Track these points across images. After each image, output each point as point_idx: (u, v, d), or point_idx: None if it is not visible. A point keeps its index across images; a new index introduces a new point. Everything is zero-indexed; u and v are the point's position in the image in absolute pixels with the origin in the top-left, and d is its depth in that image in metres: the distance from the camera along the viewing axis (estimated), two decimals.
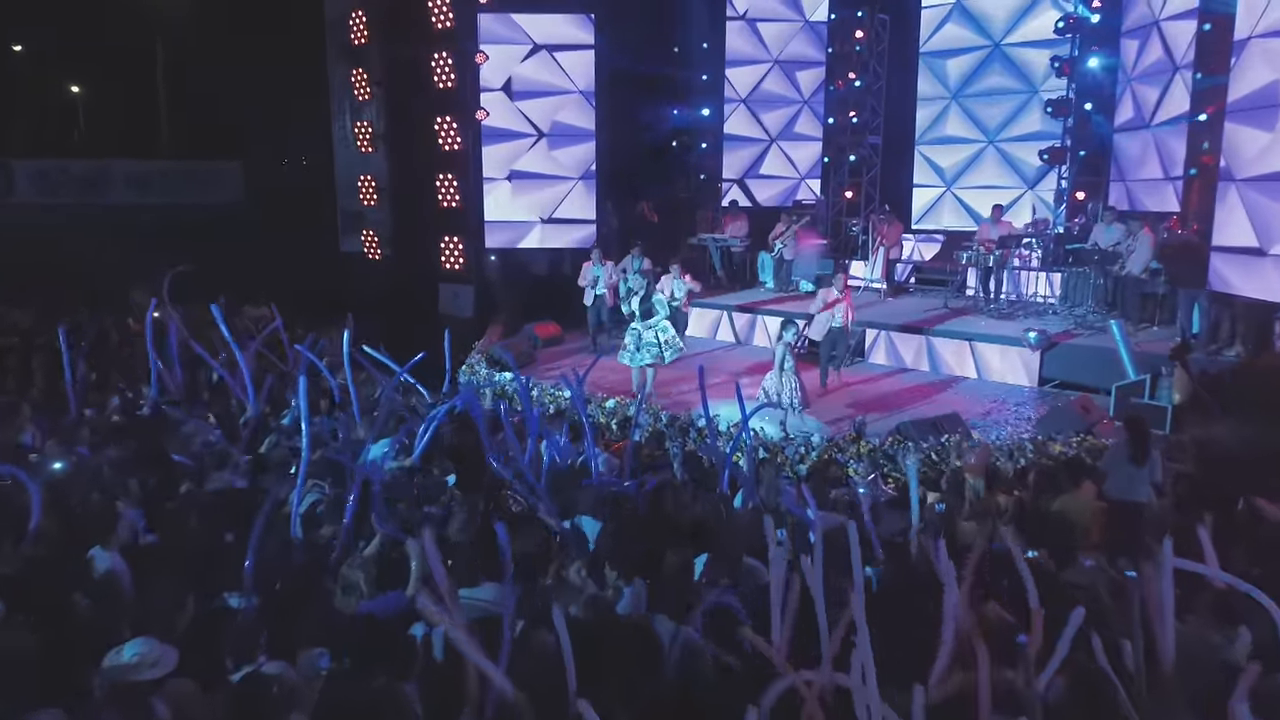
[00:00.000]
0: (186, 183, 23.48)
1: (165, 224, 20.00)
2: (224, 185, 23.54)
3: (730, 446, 7.04)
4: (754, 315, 14.10)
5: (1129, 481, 5.88)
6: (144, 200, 22.31)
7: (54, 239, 17.69)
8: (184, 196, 22.82)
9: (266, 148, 24.16)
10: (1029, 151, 15.86)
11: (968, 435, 8.46)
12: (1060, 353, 11.25)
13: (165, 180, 23.24)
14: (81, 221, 19.93)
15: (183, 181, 23.48)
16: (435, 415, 7.58)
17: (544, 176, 15.20)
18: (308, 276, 16.96)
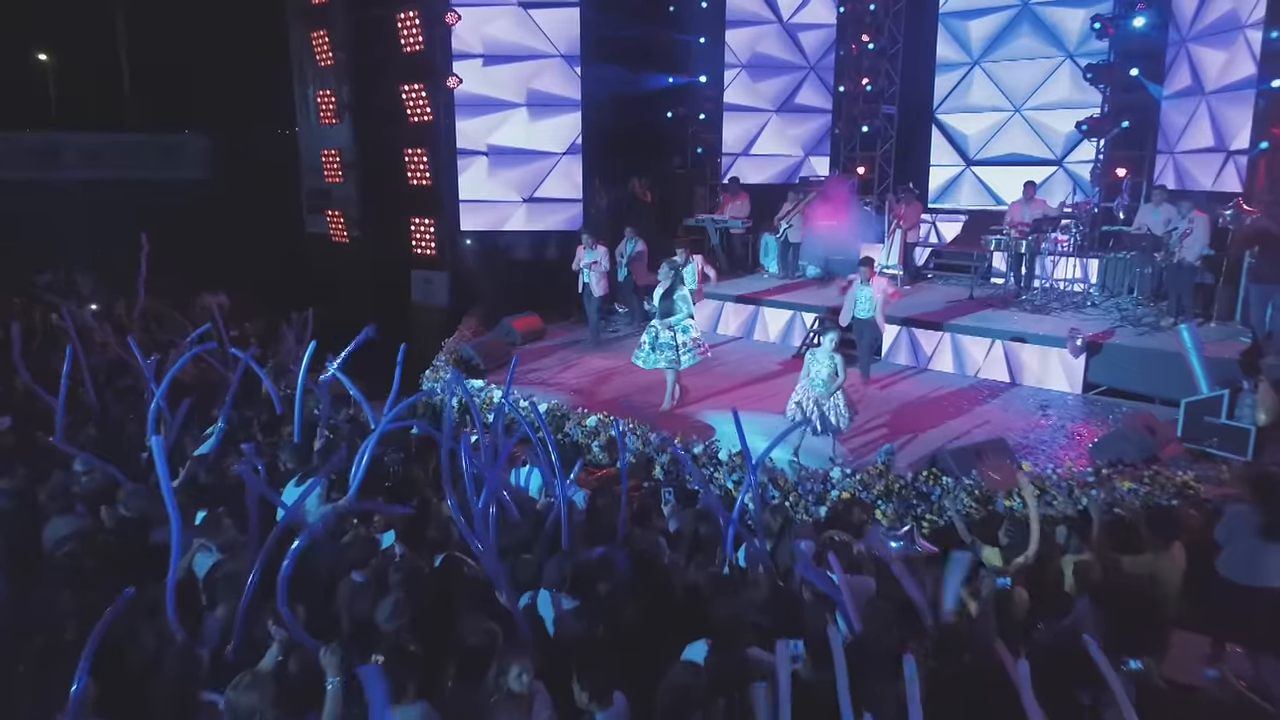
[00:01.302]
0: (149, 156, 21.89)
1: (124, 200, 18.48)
2: (189, 159, 21.94)
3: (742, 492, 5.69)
4: (757, 307, 12.67)
5: (1257, 561, 4.53)
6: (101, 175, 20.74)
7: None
8: (146, 171, 21.26)
9: (234, 119, 22.54)
10: (1060, 122, 14.43)
11: (1016, 466, 7.09)
12: (1107, 354, 9.85)
13: (125, 153, 21.64)
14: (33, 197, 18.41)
15: (145, 155, 21.90)
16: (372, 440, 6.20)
17: (524, 152, 13.70)
18: (271, 260, 15.54)
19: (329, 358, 7.87)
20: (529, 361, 11.51)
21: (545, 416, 8.54)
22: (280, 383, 9.62)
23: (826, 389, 7.35)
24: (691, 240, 14.86)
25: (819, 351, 7.45)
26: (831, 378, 7.38)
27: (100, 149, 21.27)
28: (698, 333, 9.20)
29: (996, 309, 11.64)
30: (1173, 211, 11.04)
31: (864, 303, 9.38)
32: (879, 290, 9.41)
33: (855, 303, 9.46)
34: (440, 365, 10.26)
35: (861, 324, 9.62)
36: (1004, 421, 8.94)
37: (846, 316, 9.57)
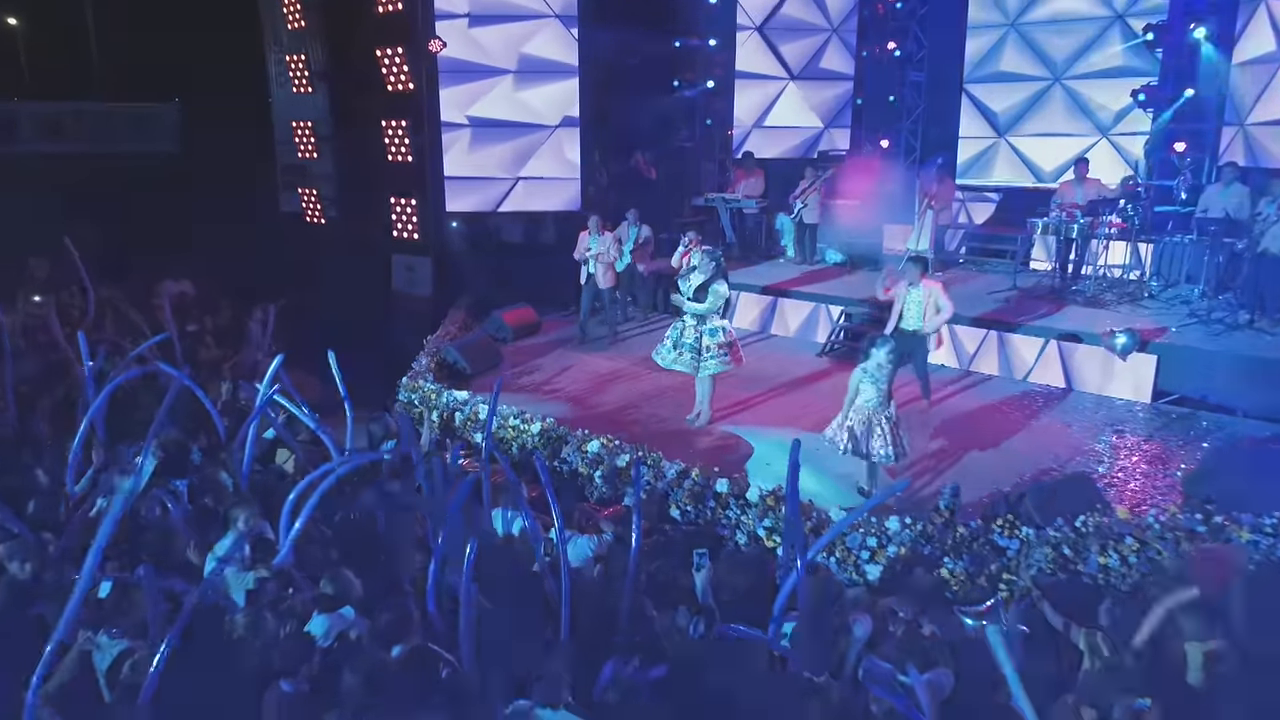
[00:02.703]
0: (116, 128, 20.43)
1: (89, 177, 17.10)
2: (160, 131, 20.48)
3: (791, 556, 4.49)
4: (776, 299, 11.41)
5: None
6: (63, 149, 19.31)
7: None
8: (113, 144, 19.80)
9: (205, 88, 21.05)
10: (1105, 92, 13.10)
11: (1105, 509, 5.89)
12: (1178, 358, 8.64)
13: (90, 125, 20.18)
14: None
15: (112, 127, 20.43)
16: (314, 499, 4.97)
17: (515, 124, 12.34)
18: (245, 241, 14.23)
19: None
20: (520, 362, 10.29)
21: (538, 439, 7.32)
22: (239, 394, 8.41)
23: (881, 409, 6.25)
24: (699, 222, 13.59)
25: (869, 369, 6.22)
26: (885, 401, 6.23)
27: (62, 120, 19.82)
28: (727, 337, 7.84)
29: (1044, 301, 10.40)
30: (1244, 193, 9.80)
31: (914, 310, 8.03)
32: (932, 296, 8.06)
33: (904, 311, 8.09)
34: (420, 370, 9.00)
35: (910, 337, 8.15)
36: (1071, 441, 7.74)
37: (893, 326, 8.23)
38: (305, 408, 6.65)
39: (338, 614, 4.44)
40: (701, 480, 6.29)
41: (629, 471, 6.61)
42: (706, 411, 8.02)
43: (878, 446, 6.26)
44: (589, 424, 7.86)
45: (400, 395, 8.70)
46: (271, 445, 7.09)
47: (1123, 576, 5.47)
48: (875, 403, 6.25)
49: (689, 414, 8.11)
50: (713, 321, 7.70)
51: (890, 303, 8.25)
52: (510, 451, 7.47)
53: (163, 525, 5.42)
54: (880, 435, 6.23)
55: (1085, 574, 5.46)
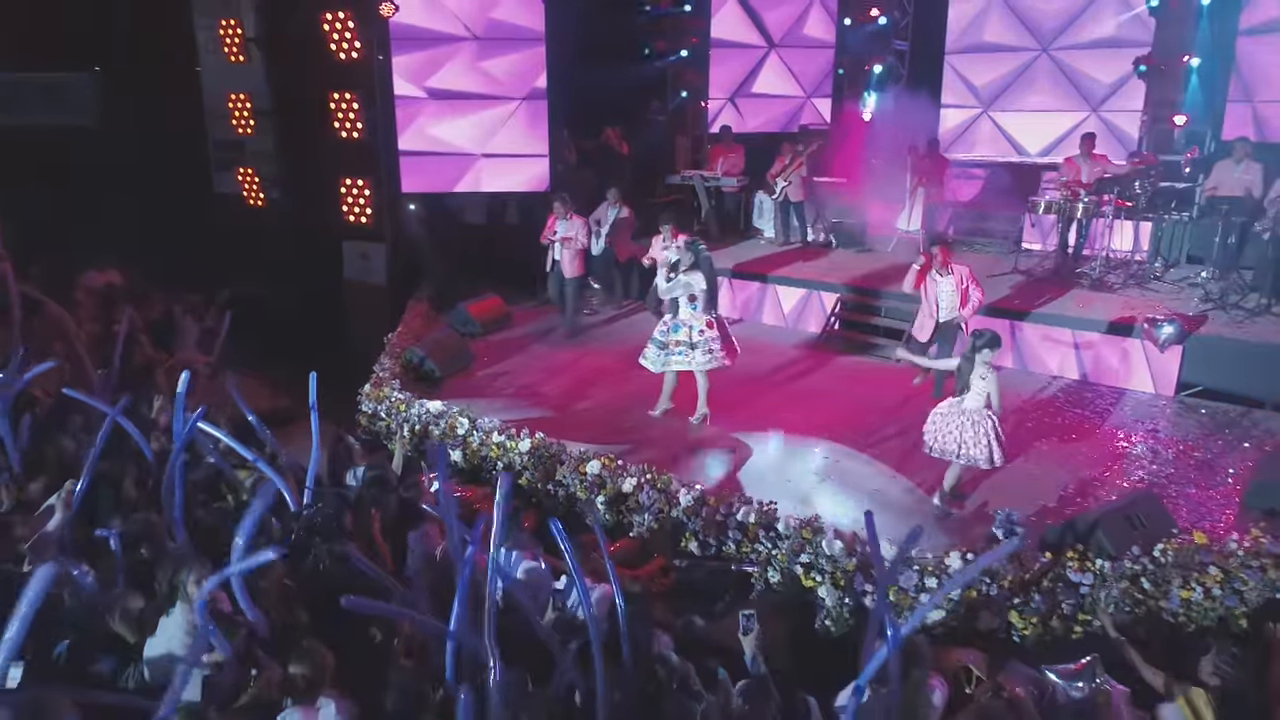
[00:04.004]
0: (26, 98, 18.64)
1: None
2: (73, 103, 18.75)
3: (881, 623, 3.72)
4: (763, 284, 10.66)
5: None
6: None
7: None
8: (21, 116, 18.05)
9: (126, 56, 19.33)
10: (1094, 63, 12.61)
11: (1171, 528, 5.28)
12: (1204, 348, 8.12)
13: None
14: None
15: (21, 97, 18.63)
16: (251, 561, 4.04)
17: (476, 96, 11.29)
18: (175, 226, 12.94)
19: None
20: (493, 361, 9.38)
21: (528, 458, 6.45)
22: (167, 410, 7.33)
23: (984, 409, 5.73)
24: (675, 201, 12.75)
25: (978, 368, 5.66)
26: (986, 401, 5.71)
27: None
28: (716, 332, 7.16)
29: (1049, 285, 9.83)
30: (1257, 170, 9.32)
31: (947, 299, 7.30)
32: (961, 281, 7.36)
33: (938, 302, 7.35)
34: (384, 375, 8.02)
35: (946, 328, 7.50)
36: (1104, 443, 7.16)
37: (929, 324, 7.49)
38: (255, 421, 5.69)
39: (317, 711, 3.58)
40: (724, 509, 5.50)
41: (636, 497, 5.81)
42: (665, 403, 7.51)
43: (971, 448, 5.65)
44: (577, 433, 7.04)
45: (363, 405, 7.72)
46: (215, 474, 6.09)
47: (1205, 612, 4.87)
48: (979, 402, 5.68)
49: (692, 416, 7.41)
50: (699, 317, 7.07)
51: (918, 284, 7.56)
52: (495, 472, 6.59)
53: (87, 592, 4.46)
54: (977, 436, 5.65)
55: (1167, 611, 4.84)
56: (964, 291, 7.42)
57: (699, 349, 7.09)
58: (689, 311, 7.09)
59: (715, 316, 7.21)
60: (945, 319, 7.34)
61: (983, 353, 5.62)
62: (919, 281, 7.53)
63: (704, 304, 7.09)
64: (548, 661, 4.19)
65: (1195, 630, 4.84)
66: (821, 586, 4.99)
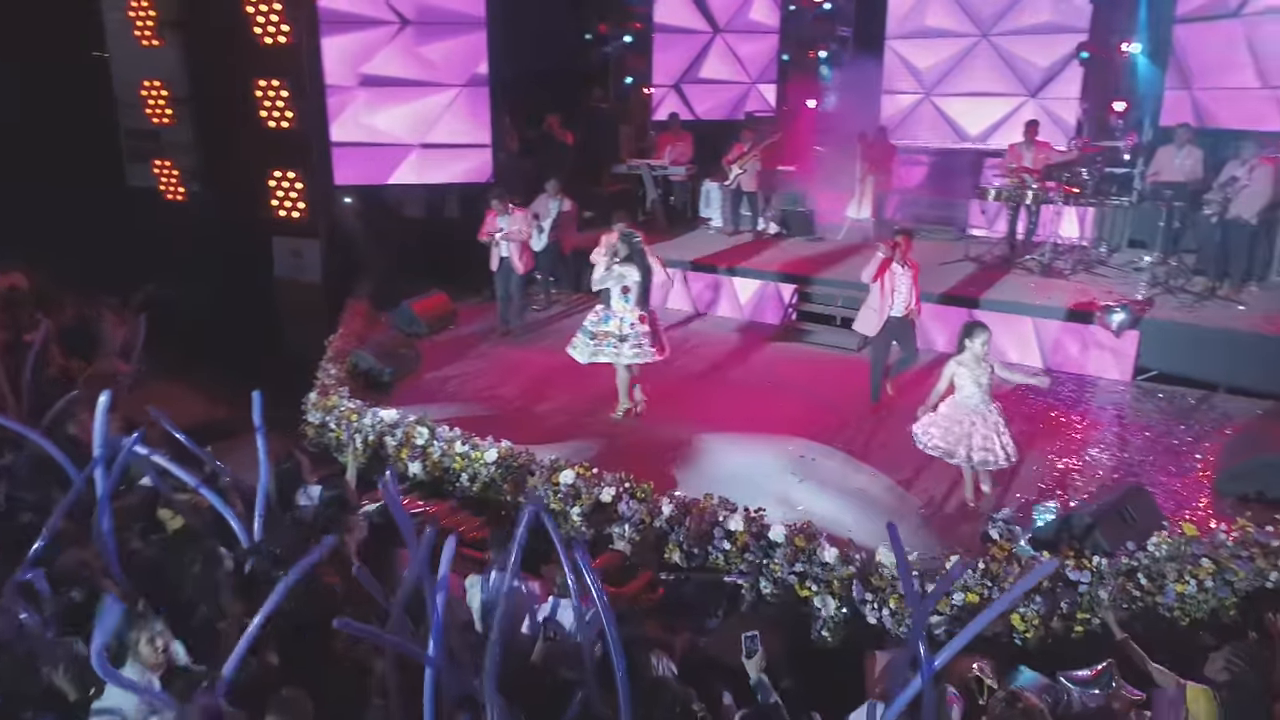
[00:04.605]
0: None
1: None
2: None
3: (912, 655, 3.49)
4: (719, 276, 10.43)
5: None
6: None
7: None
8: None
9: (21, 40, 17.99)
10: (1032, 48, 12.65)
11: (1161, 522, 5.24)
12: (1158, 332, 8.21)
13: None
14: None
15: None
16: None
17: (413, 83, 10.75)
18: (83, 224, 12.05)
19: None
20: (442, 362, 8.93)
21: (495, 469, 6.09)
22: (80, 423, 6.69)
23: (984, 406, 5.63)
24: (621, 191, 12.45)
25: (965, 360, 5.60)
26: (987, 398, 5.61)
27: None
28: (648, 325, 7.04)
29: (1001, 271, 9.86)
30: (1198, 156, 9.48)
31: (905, 291, 7.14)
32: (917, 276, 7.24)
33: (897, 293, 7.13)
34: (330, 382, 7.51)
35: (900, 323, 7.29)
36: (1072, 430, 7.17)
37: (881, 317, 7.24)
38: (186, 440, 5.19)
39: None
40: (710, 518, 5.24)
41: (615, 507, 5.51)
42: (624, 401, 7.33)
43: (977, 449, 5.53)
44: (541, 438, 6.72)
45: (309, 416, 7.21)
46: (149, 499, 5.54)
47: (1198, 605, 4.83)
48: (976, 400, 5.57)
49: (612, 413, 7.34)
50: (631, 310, 6.93)
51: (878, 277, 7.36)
52: (459, 485, 6.21)
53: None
54: (981, 437, 5.54)
55: (1163, 606, 4.78)
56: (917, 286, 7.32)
57: (628, 342, 6.97)
58: (621, 304, 6.97)
59: (648, 311, 7.10)
60: (899, 314, 7.17)
61: (975, 345, 5.53)
62: (880, 272, 7.33)
63: (637, 297, 6.98)
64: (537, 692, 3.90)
65: (1190, 624, 4.79)
66: (818, 596, 4.79)
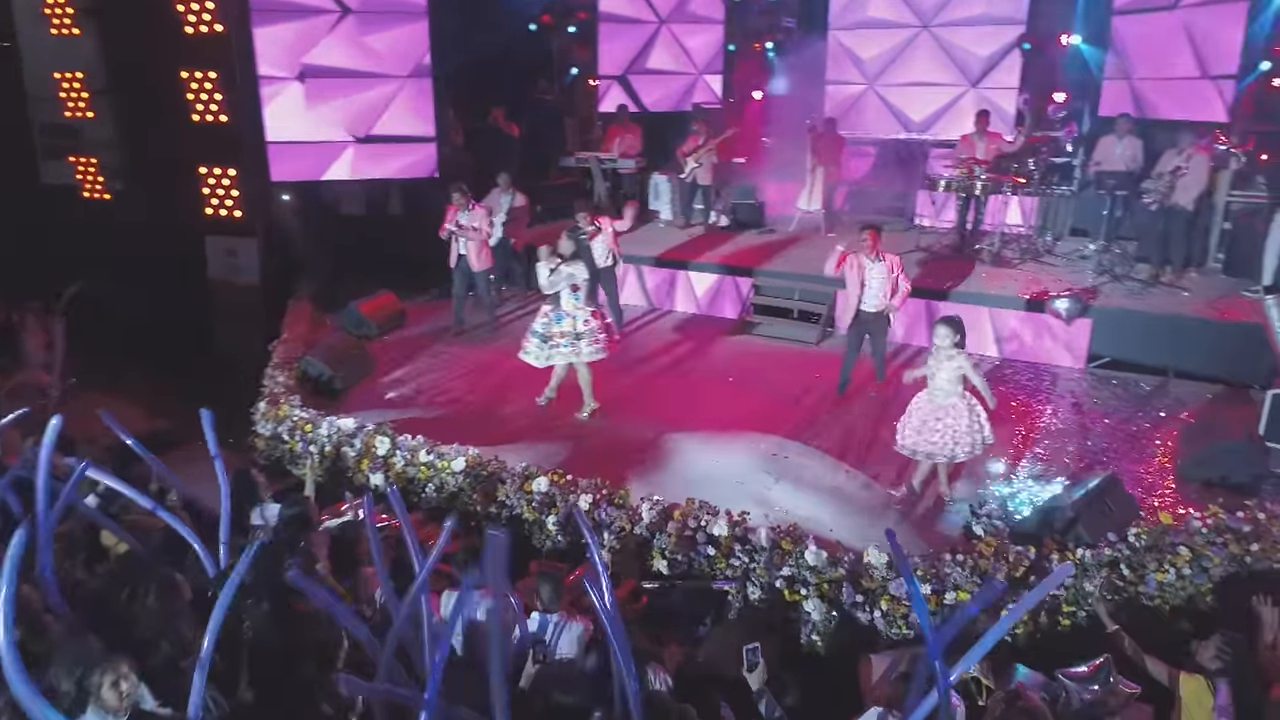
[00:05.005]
0: None
1: None
2: None
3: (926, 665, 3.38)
4: (675, 271, 10.30)
5: None
6: None
7: None
8: None
9: None
10: (972, 39, 12.80)
11: (1137, 511, 5.30)
12: (1106, 319, 8.36)
13: None
14: None
15: None
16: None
17: (354, 74, 10.34)
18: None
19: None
20: (395, 365, 8.60)
21: (463, 478, 5.85)
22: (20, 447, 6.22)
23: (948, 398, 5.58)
24: (568, 184, 12.21)
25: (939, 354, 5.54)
26: (959, 383, 5.55)
27: None
28: (598, 321, 6.99)
29: (954, 263, 9.94)
30: (1139, 146, 9.70)
31: (877, 286, 7.10)
32: (892, 270, 7.18)
33: (868, 287, 7.11)
34: (280, 390, 7.14)
35: (872, 319, 7.27)
36: (1034, 418, 7.25)
37: (851, 310, 7.27)
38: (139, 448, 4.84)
39: None
40: (692, 523, 5.11)
41: (593, 515, 5.33)
42: (590, 401, 7.21)
43: (941, 442, 5.51)
44: (505, 443, 6.51)
45: (259, 427, 6.84)
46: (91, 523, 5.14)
47: (1176, 592, 4.89)
48: (944, 393, 5.53)
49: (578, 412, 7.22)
50: (583, 308, 6.86)
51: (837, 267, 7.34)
52: (425, 495, 5.96)
53: None
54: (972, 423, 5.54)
55: (1145, 595, 4.83)
56: (894, 281, 7.26)
57: (584, 340, 6.89)
58: (572, 302, 6.87)
59: (597, 307, 7.03)
60: (872, 309, 7.14)
61: (937, 338, 5.54)
62: (839, 264, 7.27)
63: (587, 294, 6.91)
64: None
65: (1170, 612, 4.85)
66: (807, 600, 4.70)
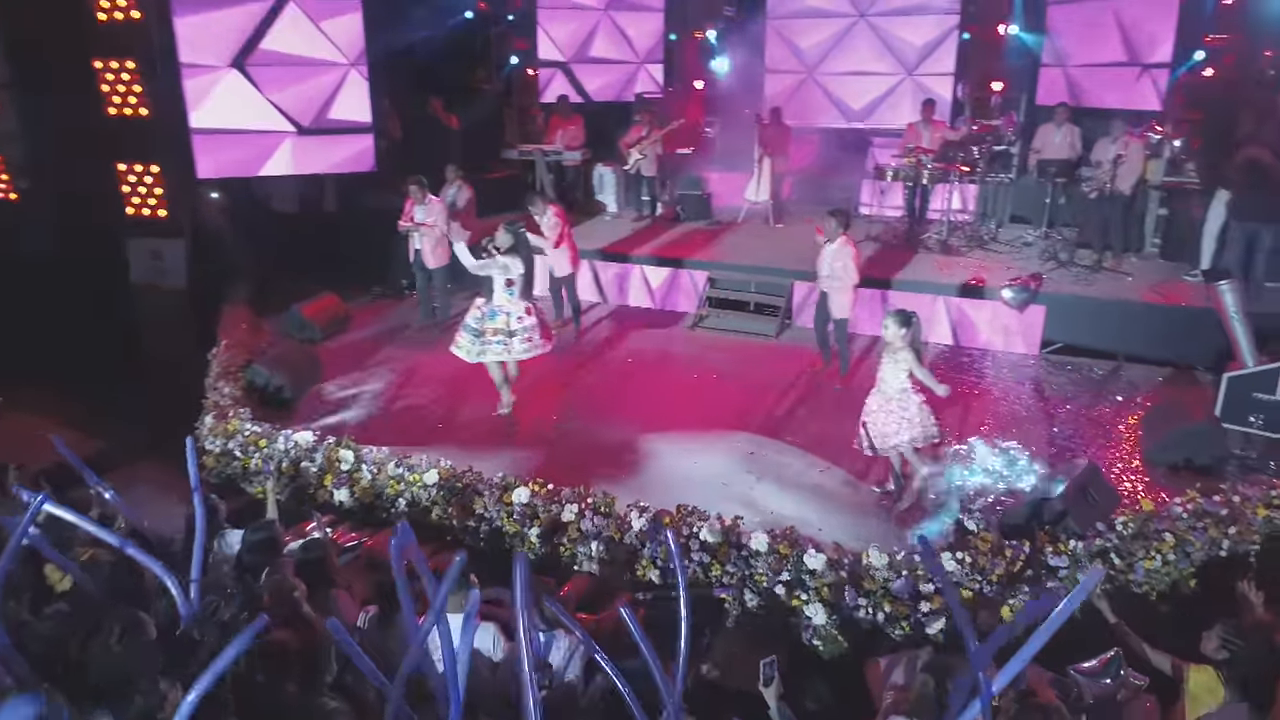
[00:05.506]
0: None
1: None
2: None
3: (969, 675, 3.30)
4: (627, 265, 10.11)
5: None
6: None
7: None
8: None
9: None
10: (909, 28, 12.93)
11: (1118, 499, 5.37)
12: (1057, 305, 8.53)
13: None
14: None
15: None
16: None
17: (284, 63, 9.80)
18: None
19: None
20: (345, 370, 8.20)
21: (436, 491, 5.57)
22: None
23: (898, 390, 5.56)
24: (510, 177, 11.90)
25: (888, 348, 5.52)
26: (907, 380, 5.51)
27: None
28: (532, 318, 6.79)
29: (903, 252, 10.01)
30: (1076, 133, 9.95)
31: (826, 268, 7.25)
32: (840, 257, 7.24)
33: (821, 269, 7.24)
34: (227, 403, 6.69)
35: (824, 300, 7.45)
36: (997, 405, 7.34)
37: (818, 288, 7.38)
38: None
39: None
40: (684, 530, 4.96)
41: (578, 525, 5.14)
42: (508, 396, 7.08)
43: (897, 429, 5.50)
44: (473, 449, 6.26)
45: (207, 444, 6.39)
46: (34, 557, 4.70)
47: (1161, 578, 4.97)
48: (893, 385, 5.50)
49: (499, 407, 7.10)
50: (517, 303, 6.67)
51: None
52: (395, 510, 5.66)
53: None
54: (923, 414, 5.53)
55: (1134, 583, 4.89)
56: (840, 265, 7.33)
57: (518, 337, 6.70)
58: (506, 297, 6.68)
59: (533, 303, 6.86)
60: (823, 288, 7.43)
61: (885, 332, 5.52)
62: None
63: (521, 289, 6.71)
64: None
65: (1156, 598, 4.92)
66: (808, 605, 4.60)
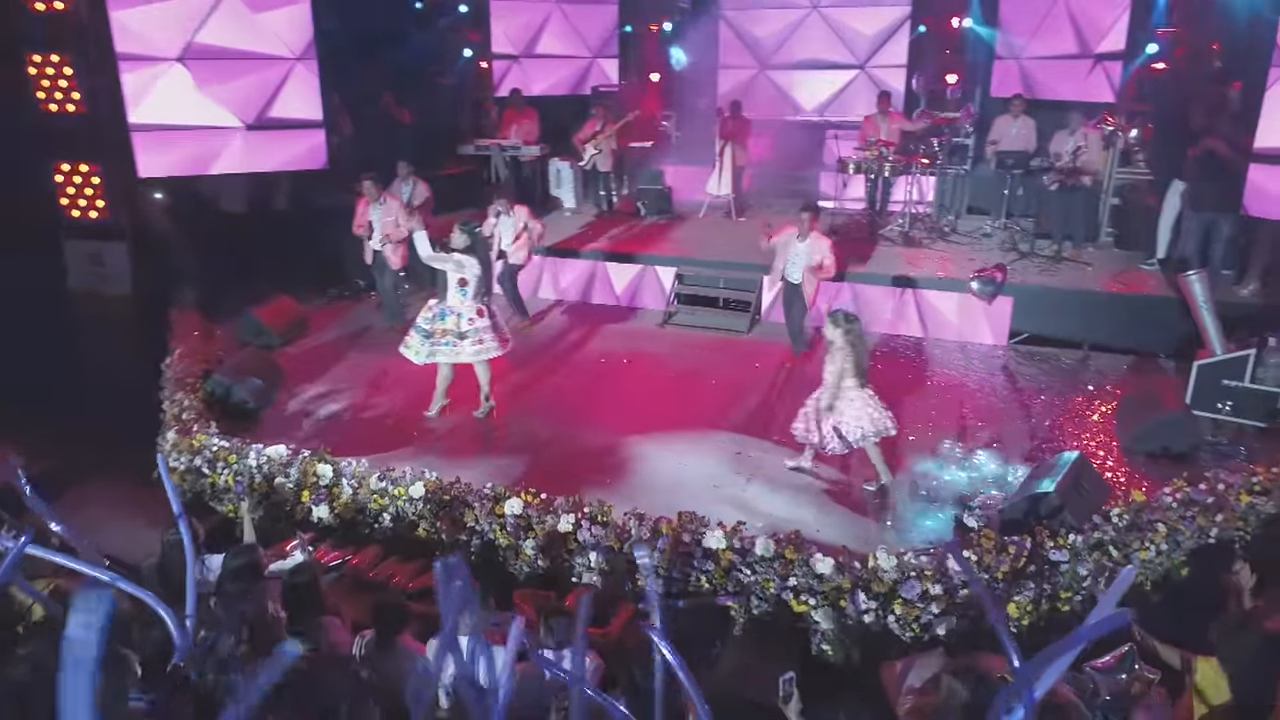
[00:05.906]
0: None
1: None
2: None
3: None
4: (594, 263, 9.95)
5: None
6: None
7: None
8: None
9: None
10: (862, 20, 13.01)
11: (1109, 491, 5.44)
12: (1023, 296, 8.65)
13: None
14: None
15: None
16: None
17: (230, 56, 9.36)
18: None
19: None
20: (308, 377, 7.87)
21: (424, 505, 5.35)
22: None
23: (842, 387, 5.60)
24: (466, 173, 11.62)
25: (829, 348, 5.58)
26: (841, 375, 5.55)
27: None
28: (487, 319, 6.67)
29: (867, 244, 10.05)
30: (1032, 125, 10.11)
31: (798, 263, 7.35)
32: (819, 251, 7.27)
33: (788, 262, 7.38)
34: (190, 416, 6.34)
35: (793, 290, 7.57)
36: (972, 396, 7.42)
37: (775, 279, 7.46)
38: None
39: None
40: (687, 537, 4.85)
41: (575, 536, 4.99)
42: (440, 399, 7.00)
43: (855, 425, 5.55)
44: (451, 458, 6.07)
45: (173, 460, 6.05)
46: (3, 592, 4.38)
47: (1155, 568, 5.05)
48: (837, 383, 5.55)
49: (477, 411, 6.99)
50: (469, 304, 6.55)
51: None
52: (379, 525, 5.43)
53: None
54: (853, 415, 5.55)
55: None
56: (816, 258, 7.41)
57: (468, 339, 6.57)
58: (458, 298, 6.55)
59: (486, 304, 6.72)
60: (794, 280, 7.51)
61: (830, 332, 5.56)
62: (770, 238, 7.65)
63: (475, 290, 6.58)
64: None
65: (1150, 588, 4.99)
66: (817, 611, 4.55)
